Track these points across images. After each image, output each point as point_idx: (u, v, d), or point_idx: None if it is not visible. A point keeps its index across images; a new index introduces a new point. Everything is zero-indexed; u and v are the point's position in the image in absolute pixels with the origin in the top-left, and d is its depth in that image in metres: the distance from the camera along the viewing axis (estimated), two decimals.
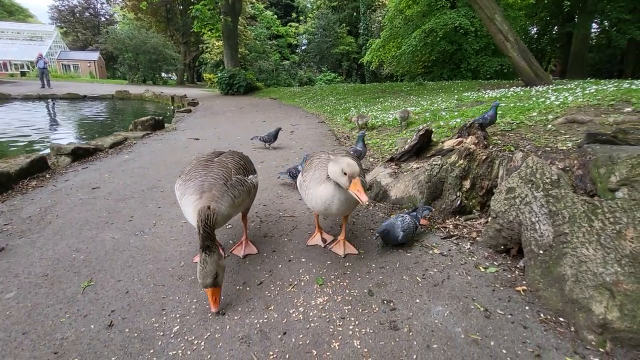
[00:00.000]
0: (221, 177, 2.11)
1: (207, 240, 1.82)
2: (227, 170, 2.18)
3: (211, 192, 2.01)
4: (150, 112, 14.08)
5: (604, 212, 1.88)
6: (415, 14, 19.13)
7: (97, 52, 48.93)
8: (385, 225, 2.48)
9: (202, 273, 1.80)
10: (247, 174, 2.33)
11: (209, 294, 1.85)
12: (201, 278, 1.80)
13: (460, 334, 1.70)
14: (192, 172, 2.16)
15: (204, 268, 1.79)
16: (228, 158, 2.32)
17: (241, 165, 2.33)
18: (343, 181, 1.94)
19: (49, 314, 1.89)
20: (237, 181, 2.17)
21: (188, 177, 2.13)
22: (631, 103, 4.52)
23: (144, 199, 3.62)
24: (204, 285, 1.82)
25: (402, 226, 2.44)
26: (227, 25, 20.16)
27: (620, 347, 1.56)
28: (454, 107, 7.53)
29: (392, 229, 2.43)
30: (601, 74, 21.95)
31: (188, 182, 2.10)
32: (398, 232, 2.42)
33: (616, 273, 1.68)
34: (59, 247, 2.61)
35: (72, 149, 5.13)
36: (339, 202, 2.07)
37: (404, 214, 2.59)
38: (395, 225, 2.44)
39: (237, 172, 2.23)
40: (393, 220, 2.49)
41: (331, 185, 2.05)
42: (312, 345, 1.65)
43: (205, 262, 1.80)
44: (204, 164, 2.23)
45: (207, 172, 2.13)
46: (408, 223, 2.48)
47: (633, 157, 1.93)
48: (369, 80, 32.94)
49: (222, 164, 2.23)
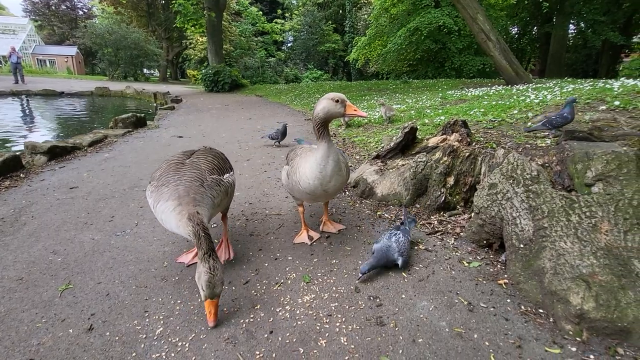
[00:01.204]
0: (196, 179, 1.99)
1: (210, 243, 1.71)
2: (201, 172, 2.06)
3: (189, 195, 1.89)
4: (132, 110, 13.67)
5: (581, 206, 1.95)
6: (400, 12, 19.31)
7: (75, 47, 47.06)
8: (376, 254, 2.15)
9: (212, 282, 1.66)
10: (222, 173, 2.21)
11: (210, 305, 1.70)
12: (210, 288, 1.66)
13: (445, 328, 1.73)
14: (164, 177, 2.01)
15: (214, 276, 1.66)
16: (200, 158, 2.19)
17: (215, 165, 2.20)
18: (338, 109, 2.05)
19: (24, 319, 1.81)
20: (213, 181, 2.06)
21: (160, 183, 1.99)
22: (605, 101, 4.69)
23: (125, 198, 3.52)
24: (213, 295, 1.68)
25: (400, 249, 2.15)
26: (211, 21, 19.78)
27: (595, 336, 1.62)
28: (438, 105, 7.65)
29: (386, 254, 2.14)
30: (578, 73, 22.77)
31: (161, 188, 1.95)
32: (395, 257, 2.14)
33: (592, 265, 1.74)
34: (34, 250, 2.51)
35: (49, 147, 4.93)
36: (333, 163, 2.13)
37: (395, 232, 2.26)
38: (390, 249, 2.15)
39: (212, 172, 2.11)
40: (386, 241, 2.19)
41: (324, 144, 2.12)
42: (299, 343, 1.65)
43: (215, 268, 1.67)
44: (175, 167, 2.09)
45: (181, 176, 1.99)
46: (403, 243, 2.18)
47: (608, 153, 2.00)
48: (355, 78, 33.07)
49: (195, 166, 2.10)
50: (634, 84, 5.87)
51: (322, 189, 2.20)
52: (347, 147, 5.60)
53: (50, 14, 51.86)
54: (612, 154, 1.98)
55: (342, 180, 2.27)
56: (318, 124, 2.12)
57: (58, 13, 52.35)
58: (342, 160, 2.31)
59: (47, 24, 52.83)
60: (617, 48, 22.66)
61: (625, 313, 1.59)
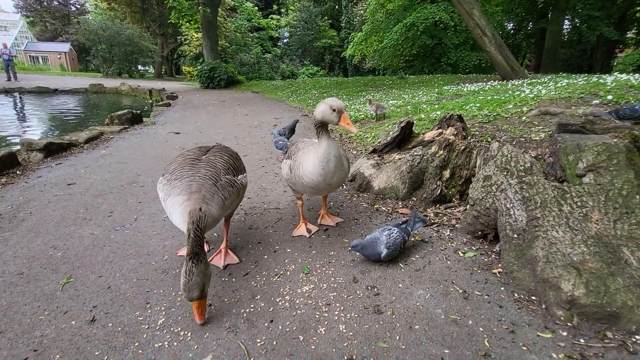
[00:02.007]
0: (210, 178, 1.96)
1: (196, 246, 1.65)
2: (216, 171, 2.02)
3: (200, 192, 1.86)
4: (127, 106, 13.58)
5: (572, 196, 2.00)
6: (396, 8, 19.24)
7: (68, 44, 46.43)
8: (366, 240, 2.18)
9: (187, 286, 1.62)
10: (236, 174, 2.18)
11: (194, 306, 1.70)
12: (186, 291, 1.63)
13: (441, 315, 1.78)
14: (178, 171, 1.98)
15: (189, 280, 1.61)
16: (217, 157, 2.15)
17: (230, 164, 2.16)
18: (332, 117, 2.11)
19: (26, 312, 1.84)
20: (227, 182, 2.02)
21: (174, 177, 1.96)
22: (599, 96, 4.76)
23: (123, 194, 3.53)
24: (189, 299, 1.66)
25: (387, 242, 2.13)
26: (206, 17, 19.61)
27: (585, 321, 1.68)
28: (434, 100, 7.69)
29: (374, 245, 2.14)
30: (573, 68, 22.90)
31: (174, 182, 1.93)
32: (381, 249, 2.14)
33: (583, 253, 1.79)
34: (34, 245, 2.52)
35: (45, 144, 4.91)
36: (335, 160, 2.20)
37: (391, 227, 2.25)
38: (378, 241, 2.14)
39: (227, 172, 2.08)
40: (378, 234, 2.19)
41: (324, 141, 2.19)
42: (298, 331, 1.69)
43: (191, 272, 1.61)
44: (191, 162, 2.05)
45: (195, 172, 1.97)
46: (395, 238, 2.16)
47: (598, 144, 2.05)
48: (351, 74, 32.97)
49: (211, 164, 2.07)
50: (627, 78, 5.94)
51: (326, 183, 2.28)
52: (344, 142, 5.63)
53: (42, 10, 51.07)
54: (603, 146, 2.03)
55: (344, 174, 2.36)
56: (316, 125, 2.22)
57: (50, 9, 51.58)
58: (343, 154, 2.37)
59: (39, 20, 52.04)
60: (612, 43, 22.80)
61: (614, 298, 1.65)
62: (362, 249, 2.16)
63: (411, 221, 2.41)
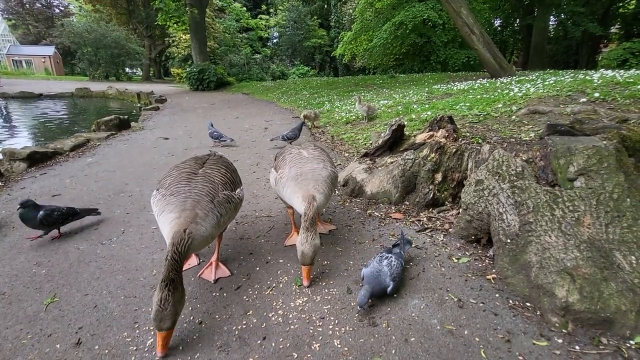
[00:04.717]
0: (207, 194, 1.87)
1: (172, 271, 1.54)
2: (214, 186, 1.93)
3: (194, 210, 1.77)
4: (115, 111, 13.35)
5: (564, 201, 2.00)
6: (385, 6, 19.27)
7: (53, 47, 45.46)
8: (367, 277, 1.94)
9: (159, 315, 1.48)
10: (234, 188, 2.10)
11: (159, 336, 1.55)
12: (157, 321, 1.49)
13: (436, 326, 1.75)
14: (174, 186, 1.89)
15: (163, 310, 1.48)
16: (214, 170, 2.07)
17: (228, 178, 2.08)
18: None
19: (7, 336, 1.76)
20: (224, 198, 1.94)
21: (169, 192, 1.87)
22: (586, 93, 4.81)
23: (110, 205, 3.44)
24: (159, 329, 1.52)
25: (391, 273, 1.94)
26: (194, 18, 19.39)
27: (580, 327, 1.67)
28: (424, 99, 7.70)
29: (378, 280, 1.91)
30: (559, 64, 23.23)
31: (169, 198, 1.84)
32: (387, 282, 1.92)
33: (576, 258, 1.79)
34: (16, 262, 2.43)
35: (28, 154, 4.77)
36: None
37: (387, 255, 2.07)
38: (381, 273, 1.93)
39: (225, 187, 1.99)
40: (377, 264, 1.98)
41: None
42: (292, 348, 1.65)
43: (166, 302, 1.49)
44: (187, 177, 1.96)
45: (192, 188, 1.88)
46: (396, 267, 1.99)
47: (589, 148, 2.05)
48: (342, 73, 32.98)
49: (208, 178, 1.98)
50: (612, 75, 6.03)
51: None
52: (335, 145, 5.60)
53: (25, 12, 49.87)
54: (593, 149, 2.03)
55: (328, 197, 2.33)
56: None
57: (33, 11, 50.38)
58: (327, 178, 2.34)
59: (22, 23, 50.82)
60: (596, 39, 23.23)
61: (607, 304, 1.64)
62: (373, 296, 1.88)
63: (401, 244, 2.26)
